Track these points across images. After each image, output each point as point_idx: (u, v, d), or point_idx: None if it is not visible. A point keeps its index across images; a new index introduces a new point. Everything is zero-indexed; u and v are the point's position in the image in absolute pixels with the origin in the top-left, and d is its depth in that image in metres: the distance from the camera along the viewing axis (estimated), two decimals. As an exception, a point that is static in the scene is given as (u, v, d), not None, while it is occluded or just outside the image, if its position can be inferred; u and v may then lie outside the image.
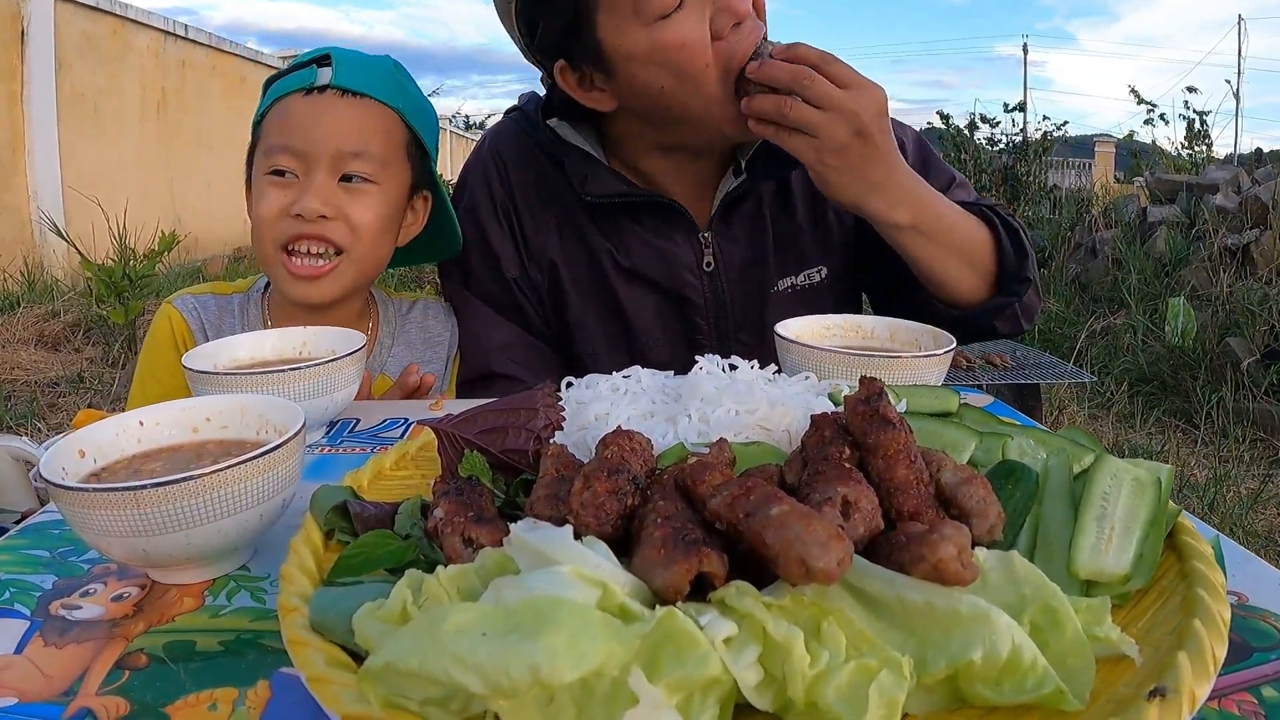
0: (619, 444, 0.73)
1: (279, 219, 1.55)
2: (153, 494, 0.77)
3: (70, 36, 9.67)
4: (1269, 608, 0.77)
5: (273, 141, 1.57)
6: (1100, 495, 0.76)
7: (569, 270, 1.71)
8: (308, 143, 1.55)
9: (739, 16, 1.43)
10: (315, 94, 1.57)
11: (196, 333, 1.66)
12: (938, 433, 0.89)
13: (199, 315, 1.68)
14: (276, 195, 1.56)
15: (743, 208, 1.71)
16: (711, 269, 1.70)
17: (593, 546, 0.58)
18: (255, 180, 1.60)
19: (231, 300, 1.73)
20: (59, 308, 7.07)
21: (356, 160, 1.57)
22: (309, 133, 1.55)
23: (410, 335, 1.78)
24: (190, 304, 1.69)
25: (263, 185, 1.57)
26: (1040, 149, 15.42)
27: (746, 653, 0.54)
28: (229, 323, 1.69)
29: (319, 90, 1.58)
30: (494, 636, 0.49)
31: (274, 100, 1.59)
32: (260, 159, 1.59)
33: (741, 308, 1.73)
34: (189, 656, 0.71)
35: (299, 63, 1.62)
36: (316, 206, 1.54)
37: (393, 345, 1.76)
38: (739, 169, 1.67)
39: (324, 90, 1.58)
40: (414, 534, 0.74)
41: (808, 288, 1.76)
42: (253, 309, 1.72)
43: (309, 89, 1.57)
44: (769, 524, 0.56)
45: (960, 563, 0.56)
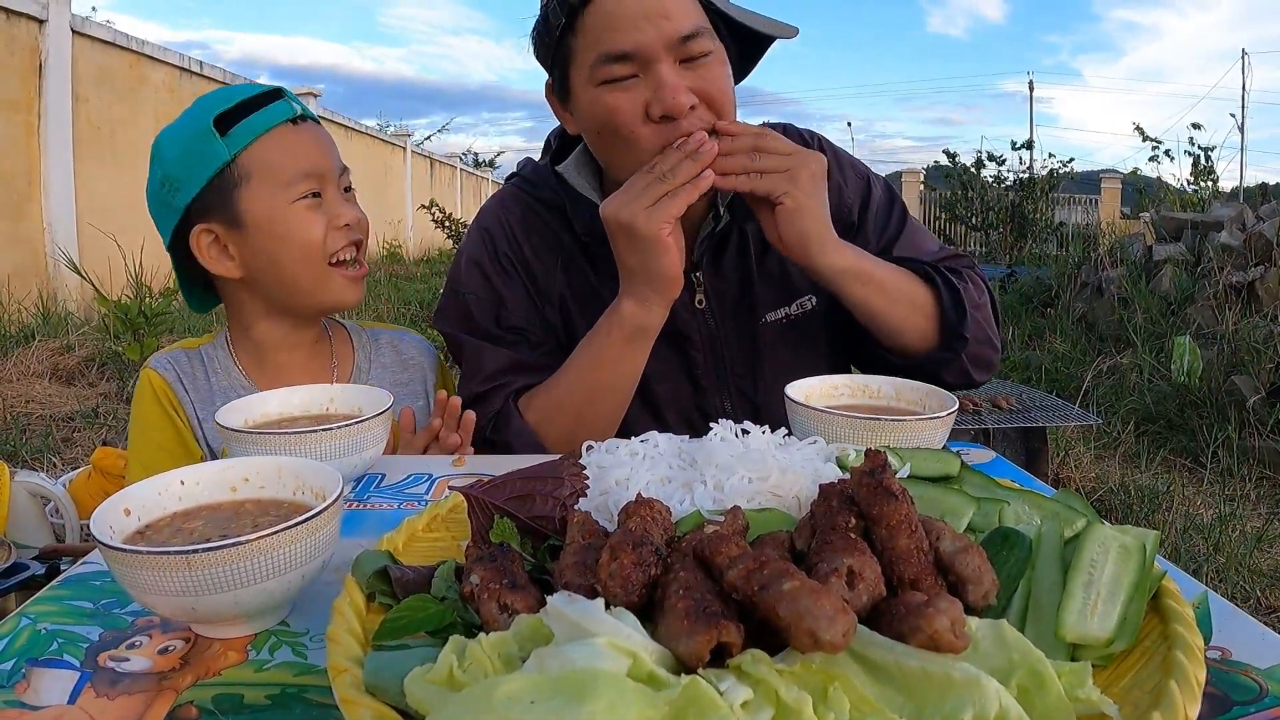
0: (641, 514, 0.79)
1: (326, 236, 1.69)
2: (204, 558, 0.81)
3: (87, 70, 9.77)
4: (1251, 662, 0.81)
5: (290, 172, 1.66)
6: (1088, 562, 0.81)
7: (576, 303, 1.83)
8: (319, 164, 1.70)
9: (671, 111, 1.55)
10: (300, 123, 1.71)
11: (174, 385, 1.76)
12: (939, 500, 0.94)
13: (174, 369, 1.77)
14: (317, 216, 1.68)
15: (729, 246, 1.82)
16: (703, 305, 1.82)
17: (622, 617, 0.63)
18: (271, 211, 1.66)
19: (199, 352, 1.82)
20: (73, 341, 7.09)
21: (345, 174, 1.77)
22: (316, 156, 1.70)
23: (385, 358, 1.92)
24: (164, 362, 1.79)
25: (298, 212, 1.67)
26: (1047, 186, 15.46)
27: (761, 715, 0.59)
28: (200, 372, 1.79)
29: (301, 119, 1.71)
30: (540, 703, 0.54)
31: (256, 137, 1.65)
32: (267, 189, 1.65)
33: (736, 343, 1.84)
34: (237, 709, 0.75)
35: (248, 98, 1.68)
36: (354, 214, 1.74)
37: (370, 368, 1.89)
38: (718, 213, 1.79)
39: (305, 119, 1.72)
40: (450, 597, 0.78)
41: (800, 317, 1.86)
42: (220, 354, 1.82)
43: (294, 119, 1.70)
44: (781, 598, 0.61)
45: (953, 633, 0.61)
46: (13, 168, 8.76)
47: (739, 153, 1.53)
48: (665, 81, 1.53)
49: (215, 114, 1.64)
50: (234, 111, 1.65)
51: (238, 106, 1.66)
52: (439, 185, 25.25)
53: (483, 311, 1.83)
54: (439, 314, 1.91)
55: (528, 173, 1.95)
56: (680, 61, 1.55)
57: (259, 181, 1.65)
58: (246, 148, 1.64)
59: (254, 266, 1.70)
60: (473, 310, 1.84)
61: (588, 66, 1.58)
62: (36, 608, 0.94)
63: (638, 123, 1.57)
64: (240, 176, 1.64)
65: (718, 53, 1.61)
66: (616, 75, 1.56)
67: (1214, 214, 8.73)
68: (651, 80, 1.55)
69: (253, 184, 1.64)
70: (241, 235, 1.67)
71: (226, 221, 1.67)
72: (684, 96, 1.53)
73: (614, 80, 1.56)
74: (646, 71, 1.55)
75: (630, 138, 1.59)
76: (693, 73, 1.56)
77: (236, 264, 1.70)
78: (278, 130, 1.66)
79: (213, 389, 1.76)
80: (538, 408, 1.72)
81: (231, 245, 1.68)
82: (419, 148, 24.24)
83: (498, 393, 1.75)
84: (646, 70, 1.55)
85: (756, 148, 1.54)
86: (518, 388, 1.76)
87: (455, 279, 1.89)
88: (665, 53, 1.53)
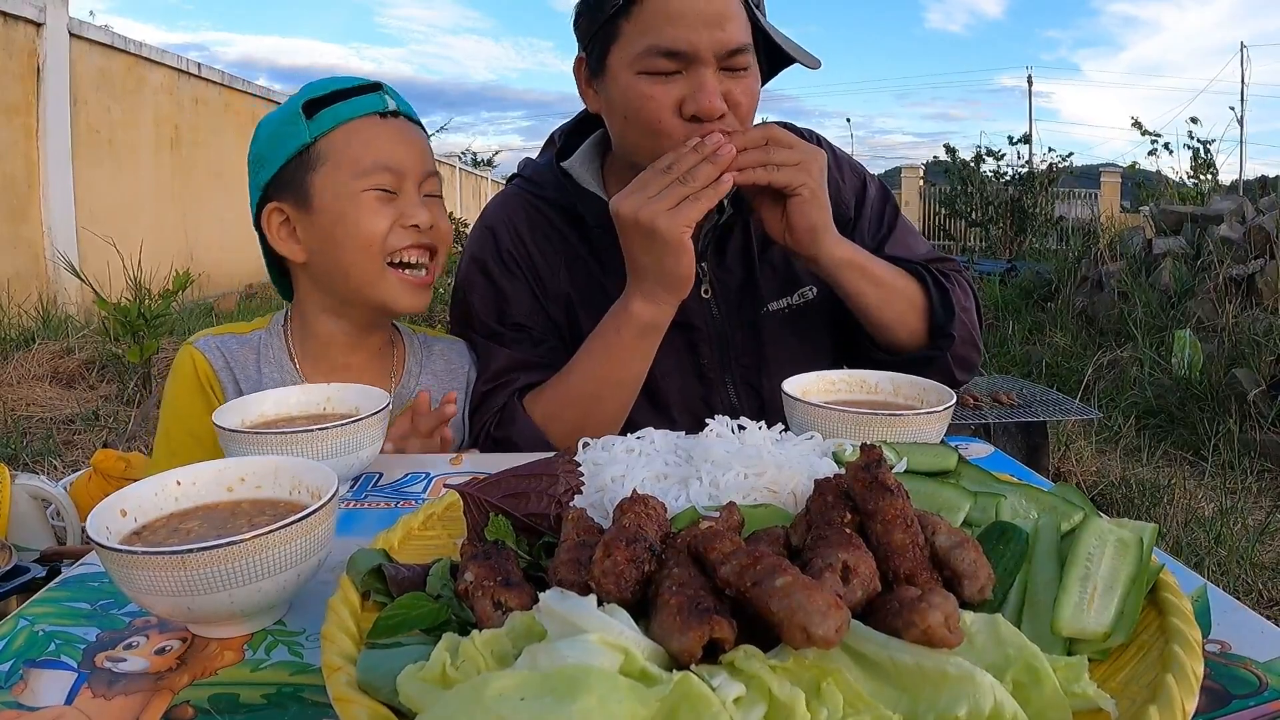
0: (635, 511, 0.78)
1: (389, 233, 1.65)
2: (199, 557, 0.81)
3: (86, 73, 9.78)
4: (1251, 655, 0.81)
5: (366, 162, 1.63)
6: (1085, 556, 0.81)
7: (581, 299, 1.86)
8: (402, 161, 1.66)
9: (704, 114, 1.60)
10: (390, 118, 1.68)
11: (221, 371, 1.70)
12: (935, 494, 0.94)
13: (222, 355, 1.72)
14: (386, 209, 1.64)
15: (733, 237, 1.87)
16: (709, 296, 1.85)
17: (614, 614, 0.63)
18: (342, 197, 1.63)
19: (250, 338, 1.77)
20: (74, 344, 7.09)
21: (432, 179, 1.72)
22: (400, 152, 1.66)
23: (436, 365, 1.87)
24: (212, 345, 1.73)
25: (367, 200, 1.63)
26: (1046, 180, 15.44)
27: (754, 711, 0.58)
28: (251, 360, 1.73)
29: (392, 115, 1.68)
30: (532, 700, 0.54)
31: (339, 123, 1.64)
32: (341, 175, 1.63)
33: (740, 333, 1.87)
34: (234, 709, 0.75)
35: (343, 88, 1.67)
36: (428, 218, 1.68)
37: (420, 374, 1.84)
38: (722, 206, 1.80)
39: (396, 115, 1.69)
40: (445, 594, 0.78)
41: (802, 306, 1.89)
42: (275, 342, 1.76)
43: (384, 113, 1.67)
44: (774, 593, 0.61)
45: (947, 628, 0.61)
46: (12, 171, 8.76)
47: (753, 146, 1.54)
48: (706, 85, 1.59)
49: (307, 98, 1.65)
50: (327, 98, 1.66)
51: (332, 94, 1.66)
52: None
53: (486, 309, 1.86)
54: (450, 314, 1.97)
55: (529, 172, 1.98)
56: (721, 69, 1.61)
57: (333, 166, 1.64)
58: (327, 133, 1.64)
59: (315, 250, 1.68)
60: (476, 308, 1.87)
61: (634, 52, 1.62)
62: (34, 609, 0.94)
63: (668, 115, 1.62)
64: (317, 159, 1.64)
65: (754, 68, 1.67)
66: (661, 69, 1.61)
67: (1214, 207, 8.73)
68: (693, 80, 1.60)
69: (327, 168, 1.64)
70: (309, 217, 1.66)
71: (297, 202, 1.66)
72: (719, 101, 1.59)
73: (657, 72, 1.61)
74: (689, 70, 1.60)
75: (656, 128, 1.63)
76: (730, 82, 1.62)
77: (302, 247, 1.69)
78: (363, 120, 1.65)
79: (263, 379, 1.70)
80: (544, 405, 1.74)
81: (299, 227, 1.68)
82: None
83: (501, 390, 1.78)
84: (690, 69, 1.60)
85: (769, 139, 1.56)
86: (521, 385, 1.78)
87: (460, 279, 1.94)
88: (713, 59, 1.59)
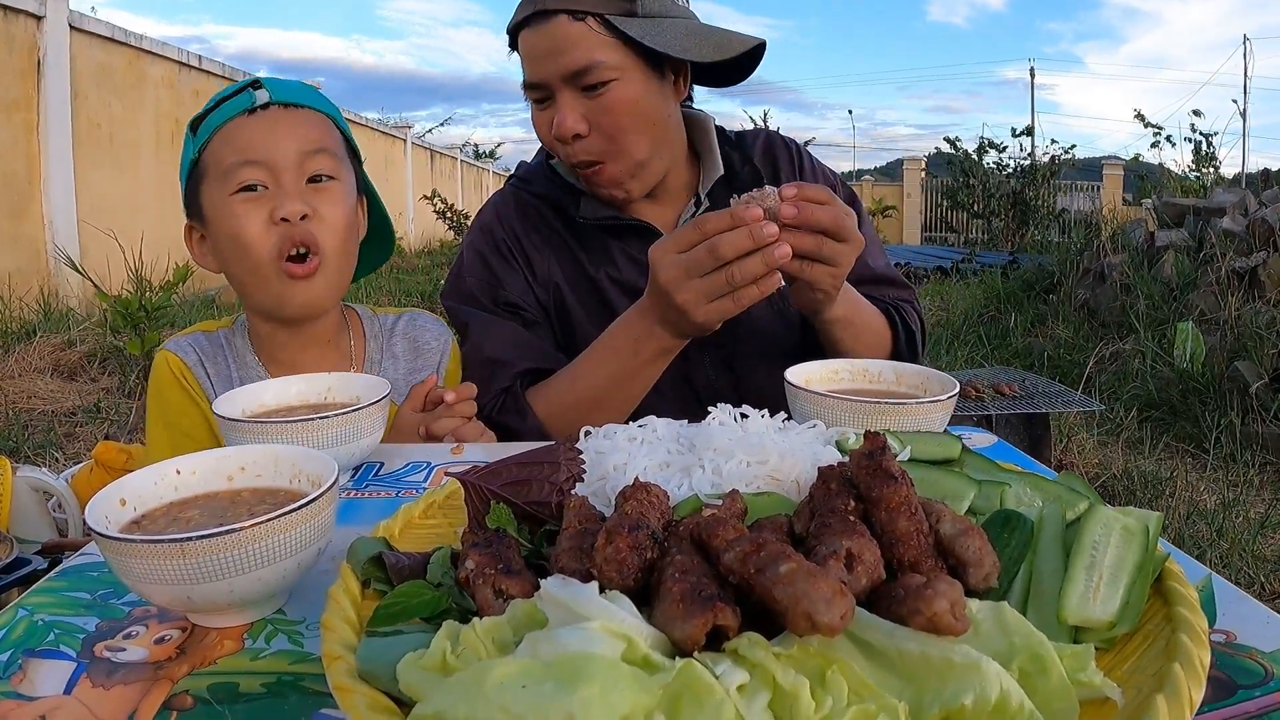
0: (638, 498, 0.78)
1: (265, 232, 1.57)
2: (198, 545, 0.80)
3: (86, 67, 9.75)
4: (1256, 645, 0.80)
5: (230, 162, 1.57)
6: (1090, 544, 0.80)
7: (570, 288, 1.95)
8: (270, 152, 1.58)
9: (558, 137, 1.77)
10: (259, 112, 1.61)
11: (194, 366, 1.70)
12: (939, 482, 0.93)
13: (195, 351, 1.72)
14: (254, 209, 1.57)
15: None
16: None
17: (617, 601, 0.62)
18: (217, 207, 1.60)
19: (218, 335, 1.77)
20: (75, 337, 7.10)
21: (318, 157, 1.62)
22: (268, 143, 1.58)
23: (396, 348, 1.85)
24: (183, 344, 1.73)
25: (233, 206, 1.57)
26: (1048, 173, 15.46)
27: (758, 699, 0.58)
28: (221, 356, 1.74)
29: (261, 109, 1.61)
30: (533, 688, 0.54)
31: (212, 132, 1.60)
32: (215, 185, 1.59)
33: None
34: (233, 698, 0.75)
35: (224, 95, 1.63)
36: (299, 207, 1.57)
37: (381, 359, 1.83)
38: (699, 199, 1.96)
39: (266, 107, 1.61)
40: (446, 583, 0.78)
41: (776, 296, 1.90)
42: (239, 340, 1.76)
43: (251, 109, 1.60)
44: (778, 580, 0.60)
45: (953, 615, 0.60)
46: (13, 166, 8.74)
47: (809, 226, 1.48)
48: (558, 109, 1.75)
49: (195, 115, 1.62)
50: (210, 109, 1.62)
51: (216, 104, 1.62)
52: (440, 177, 25.24)
53: (481, 289, 1.93)
54: (445, 292, 2.02)
55: (522, 171, 2.09)
56: (582, 90, 1.73)
57: (212, 178, 1.60)
58: (206, 144, 1.60)
59: (220, 264, 1.67)
60: (472, 287, 1.94)
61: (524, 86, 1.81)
62: (33, 599, 0.94)
63: (549, 139, 1.81)
64: (201, 174, 1.62)
65: (622, 81, 1.74)
66: (536, 99, 1.80)
67: (1216, 200, 8.70)
68: (555, 105, 1.76)
69: (208, 180, 1.61)
70: (208, 233, 1.65)
71: (199, 219, 1.66)
72: (568, 125, 1.73)
73: (536, 102, 1.81)
74: (555, 97, 1.76)
75: (551, 150, 1.85)
76: (590, 102, 1.74)
77: (213, 260, 1.68)
78: (233, 122, 1.59)
79: (233, 377, 1.70)
80: (548, 403, 1.77)
81: (209, 241, 1.67)
82: (419, 140, 24.22)
83: (502, 372, 1.81)
84: (554, 97, 1.76)
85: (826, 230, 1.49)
86: (520, 370, 1.81)
87: (458, 264, 2.01)
88: (562, 84, 1.73)
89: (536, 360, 1.84)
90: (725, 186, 1.92)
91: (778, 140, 2.11)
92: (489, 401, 1.78)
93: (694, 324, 1.54)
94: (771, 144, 2.09)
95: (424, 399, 1.60)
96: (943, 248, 18.53)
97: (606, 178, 1.82)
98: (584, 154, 1.78)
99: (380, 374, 1.77)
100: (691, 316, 1.51)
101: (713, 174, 1.95)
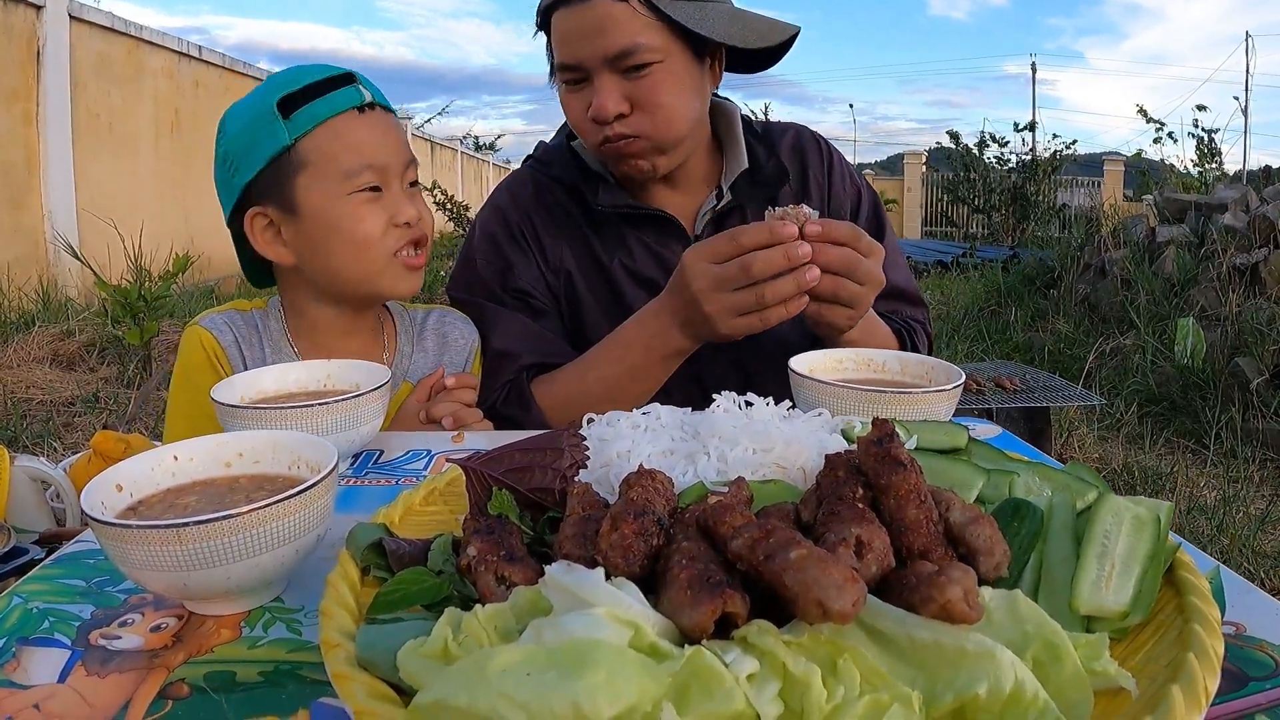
0: (643, 485, 0.77)
1: (385, 233, 1.62)
2: (194, 531, 0.79)
3: (85, 57, 9.73)
4: (1266, 638, 0.80)
5: (352, 163, 1.58)
6: (1101, 533, 0.79)
7: (582, 276, 1.93)
8: (384, 157, 1.62)
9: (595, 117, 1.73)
10: (367, 111, 1.63)
11: (229, 347, 1.68)
12: (947, 471, 0.92)
13: (230, 330, 1.70)
14: (376, 210, 1.61)
15: (729, 221, 1.90)
16: None
17: (623, 587, 0.61)
18: (328, 203, 1.59)
19: (253, 316, 1.75)
20: (74, 327, 7.08)
21: (412, 167, 1.69)
22: (384, 148, 1.62)
23: (427, 343, 1.85)
24: (218, 322, 1.71)
25: (353, 206, 1.59)
26: (1049, 168, 15.45)
27: (768, 688, 0.57)
28: (255, 338, 1.71)
29: (369, 107, 1.63)
30: (537, 676, 0.52)
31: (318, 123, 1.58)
32: (325, 180, 1.59)
33: None
34: (230, 686, 0.74)
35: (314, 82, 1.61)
36: (415, 212, 1.66)
37: (412, 353, 1.82)
38: (721, 192, 1.92)
39: (373, 107, 1.64)
40: (447, 570, 0.76)
41: None
42: (274, 325, 1.74)
43: (360, 107, 1.61)
44: (788, 566, 0.59)
45: (967, 603, 0.59)
46: (12, 156, 8.73)
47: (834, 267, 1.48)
48: (598, 90, 1.71)
49: (280, 95, 1.58)
50: (300, 94, 1.59)
51: (305, 89, 1.59)
52: (440, 168, 25.20)
53: (491, 274, 1.91)
54: (452, 282, 1.99)
55: (540, 153, 2.05)
56: (623, 71, 1.70)
57: (317, 170, 1.58)
58: (307, 134, 1.58)
59: (306, 255, 1.64)
60: (481, 270, 1.92)
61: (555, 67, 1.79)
62: (28, 586, 0.93)
63: (582, 120, 1.77)
64: (299, 163, 1.58)
65: (665, 63, 1.72)
66: (569, 80, 1.77)
67: (1217, 196, 8.69)
68: (593, 86, 1.73)
69: (310, 172, 1.58)
70: (296, 223, 1.62)
71: (282, 207, 1.62)
72: (610, 106, 1.70)
73: (569, 83, 1.78)
74: (592, 78, 1.73)
75: (579, 130, 1.81)
76: (631, 83, 1.71)
77: (289, 250, 1.65)
78: (342, 118, 1.59)
79: (266, 360, 1.68)
80: (554, 397, 1.77)
81: (285, 231, 1.63)
82: (420, 131, 24.19)
83: (508, 365, 1.80)
84: (592, 77, 1.73)
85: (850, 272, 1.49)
86: (526, 364, 1.80)
87: (467, 246, 1.99)
88: (602, 65, 1.70)
89: (543, 354, 1.81)
90: (748, 180, 1.90)
91: (808, 138, 2.07)
92: (494, 394, 1.77)
93: (718, 334, 1.54)
94: (801, 141, 2.06)
95: (429, 389, 1.66)
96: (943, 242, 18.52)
97: (637, 149, 1.77)
98: (620, 132, 1.74)
99: (410, 366, 1.79)
100: (717, 328, 1.52)
101: (736, 166, 1.92)
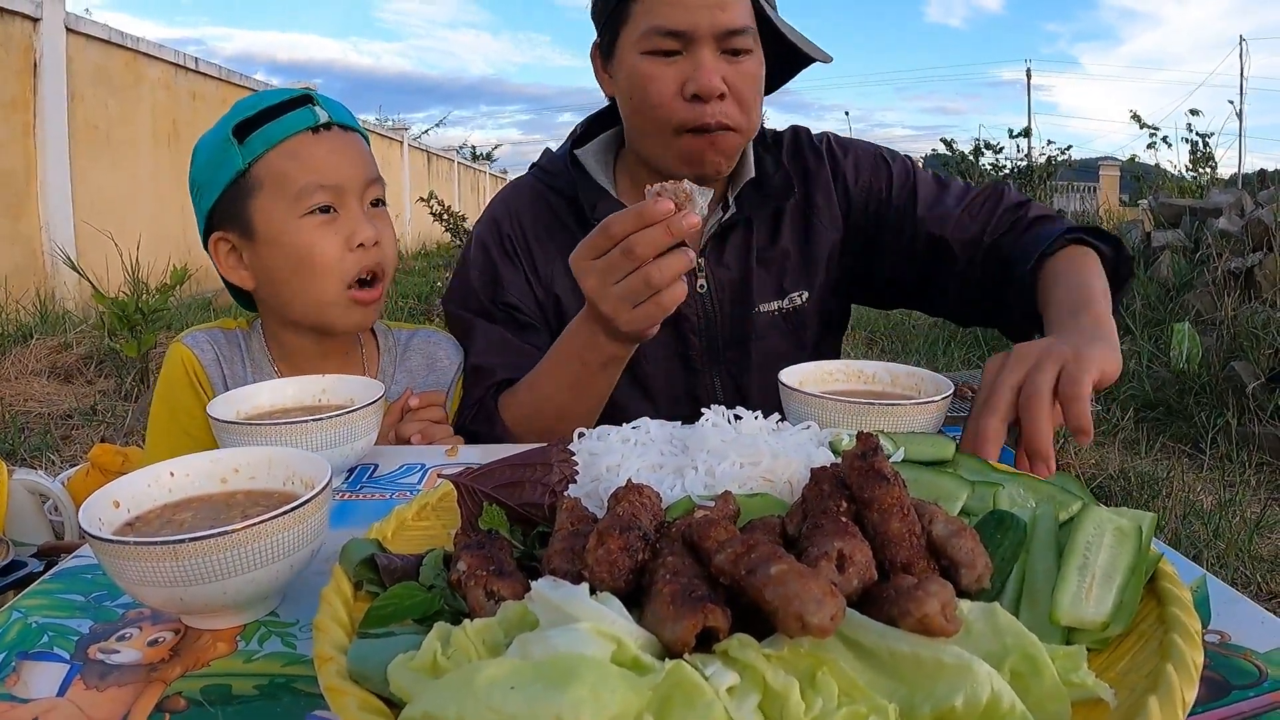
0: (629, 500, 0.78)
1: (341, 257, 1.61)
2: (190, 547, 0.81)
3: (83, 68, 9.74)
4: (1251, 646, 0.80)
5: (303, 183, 1.58)
6: (1083, 545, 0.80)
7: (572, 294, 1.83)
8: (340, 176, 1.61)
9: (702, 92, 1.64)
10: (323, 131, 1.62)
11: (209, 365, 1.69)
12: (932, 483, 0.93)
13: (212, 348, 1.71)
14: (329, 232, 1.60)
15: (734, 236, 1.87)
16: (705, 291, 1.86)
17: (607, 602, 0.62)
18: (282, 225, 1.59)
19: (236, 334, 1.76)
20: (71, 339, 7.07)
21: (375, 185, 1.68)
22: (339, 167, 1.61)
23: (411, 363, 1.85)
24: (200, 339, 1.72)
25: (305, 227, 1.59)
26: (1045, 173, 15.45)
27: (748, 701, 0.58)
28: (236, 356, 1.73)
29: (324, 127, 1.62)
30: (523, 689, 0.54)
31: (270, 146, 1.59)
32: (278, 201, 1.59)
33: (730, 328, 1.88)
34: (226, 699, 0.75)
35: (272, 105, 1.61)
36: (373, 234, 1.64)
37: (394, 373, 1.83)
38: (727, 204, 1.86)
39: (329, 127, 1.63)
40: (438, 584, 0.78)
41: (790, 310, 1.91)
42: (256, 344, 1.76)
43: (315, 128, 1.61)
44: (769, 581, 0.60)
45: (944, 616, 0.61)
46: (10, 167, 8.74)
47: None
48: (703, 64, 1.63)
49: (237, 120, 1.60)
50: (257, 118, 1.60)
51: (261, 113, 1.60)
52: (437, 178, 25.22)
53: (482, 285, 1.88)
54: (448, 292, 1.97)
55: (544, 161, 2.01)
56: (722, 52, 1.65)
57: (270, 192, 1.59)
58: (260, 157, 1.58)
59: (263, 280, 1.65)
60: (474, 281, 1.89)
61: (639, 33, 1.67)
62: (27, 601, 0.94)
63: (670, 95, 1.66)
64: (253, 186, 1.59)
65: (756, 54, 1.70)
66: (662, 48, 1.65)
67: (1213, 200, 8.71)
68: (692, 60, 1.64)
69: (264, 194, 1.59)
70: (254, 247, 1.63)
71: (241, 231, 1.63)
72: (717, 80, 1.63)
73: (659, 52, 1.66)
74: (689, 51, 1.64)
75: (659, 108, 1.68)
76: (729, 65, 1.66)
77: (250, 274, 1.66)
78: (296, 139, 1.59)
79: (247, 378, 1.69)
80: (514, 410, 1.71)
81: (246, 255, 1.65)
82: (416, 141, 24.20)
83: (480, 380, 1.78)
84: (690, 50, 1.64)
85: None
86: (499, 380, 1.76)
87: (464, 256, 1.97)
88: (711, 39, 1.63)
89: (519, 369, 1.74)
90: (755, 190, 1.86)
91: (804, 140, 2.00)
92: (466, 410, 1.76)
93: (622, 335, 1.44)
94: (798, 145, 1.99)
95: (400, 411, 1.66)
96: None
97: (727, 145, 1.71)
98: (720, 116, 1.65)
99: (393, 388, 1.78)
100: (618, 326, 1.41)
101: (743, 176, 1.86)
